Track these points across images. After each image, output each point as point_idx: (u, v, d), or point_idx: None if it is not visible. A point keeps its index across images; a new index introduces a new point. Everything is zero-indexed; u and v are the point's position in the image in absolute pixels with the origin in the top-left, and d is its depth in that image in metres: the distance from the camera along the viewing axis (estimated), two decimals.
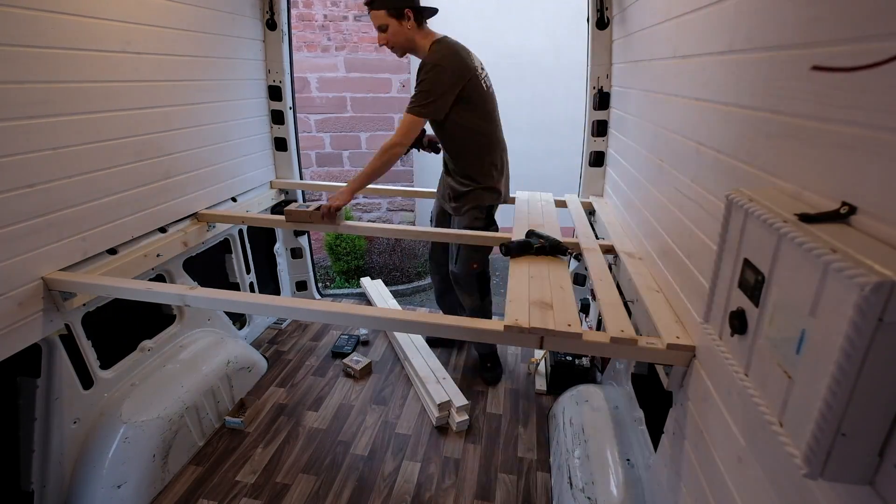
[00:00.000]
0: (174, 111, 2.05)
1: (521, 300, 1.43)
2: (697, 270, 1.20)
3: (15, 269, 1.45)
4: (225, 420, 2.19)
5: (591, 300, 2.59)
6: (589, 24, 2.45)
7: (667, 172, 1.49)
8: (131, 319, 2.02)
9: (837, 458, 0.56)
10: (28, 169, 1.44)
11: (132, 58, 1.79)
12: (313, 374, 2.57)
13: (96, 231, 1.72)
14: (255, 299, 1.71)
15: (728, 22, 1.08)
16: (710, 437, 1.06)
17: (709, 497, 1.03)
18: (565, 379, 2.39)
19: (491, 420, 2.27)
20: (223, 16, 2.31)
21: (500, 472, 1.98)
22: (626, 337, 1.26)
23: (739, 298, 0.79)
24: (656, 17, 1.65)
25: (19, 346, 1.49)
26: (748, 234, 0.77)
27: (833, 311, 0.55)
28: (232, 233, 2.59)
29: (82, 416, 1.74)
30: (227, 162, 2.46)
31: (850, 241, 0.58)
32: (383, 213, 5.21)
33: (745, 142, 0.98)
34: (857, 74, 0.64)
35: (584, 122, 2.64)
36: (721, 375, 1.03)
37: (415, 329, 1.43)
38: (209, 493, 1.85)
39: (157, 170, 1.99)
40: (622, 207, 2.17)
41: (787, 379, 0.64)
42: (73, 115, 1.58)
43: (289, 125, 2.85)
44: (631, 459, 1.62)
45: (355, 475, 1.95)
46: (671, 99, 1.48)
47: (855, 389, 0.53)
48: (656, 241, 1.58)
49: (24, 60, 1.40)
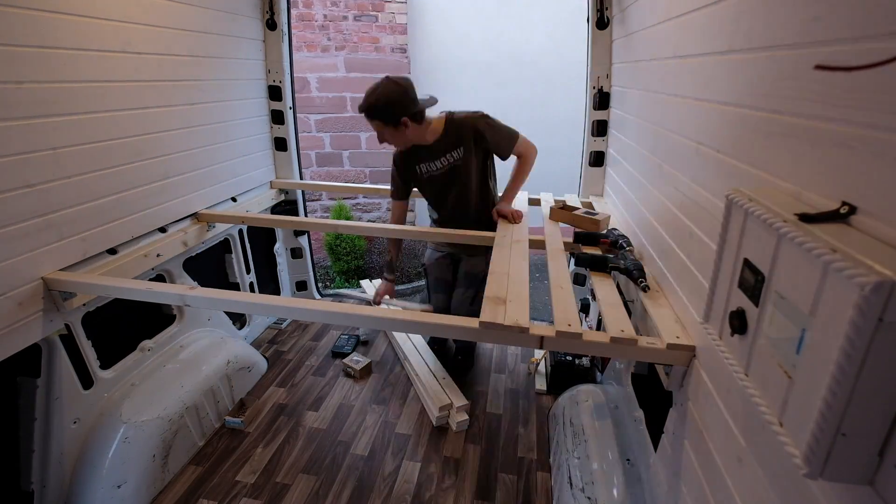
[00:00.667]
0: (174, 111, 2.05)
1: (521, 300, 1.44)
2: (697, 270, 1.20)
3: (15, 269, 1.45)
4: (225, 420, 2.19)
5: (591, 300, 2.59)
6: (589, 24, 2.45)
7: (667, 172, 1.49)
8: (131, 319, 2.02)
9: (837, 458, 0.56)
10: (27, 169, 1.44)
11: (132, 58, 1.79)
12: (313, 374, 2.57)
13: (96, 231, 1.72)
14: (255, 299, 1.71)
15: (728, 22, 1.08)
16: (710, 437, 1.06)
17: (709, 497, 1.03)
18: (565, 379, 2.39)
19: (491, 420, 2.27)
20: (223, 16, 2.31)
21: (500, 472, 1.98)
22: (626, 337, 1.25)
23: (739, 298, 0.79)
24: (656, 17, 1.65)
25: (19, 346, 1.49)
26: (748, 234, 0.77)
27: (833, 311, 0.55)
28: (232, 233, 2.59)
29: (82, 416, 1.74)
30: (226, 162, 2.46)
31: (850, 241, 0.58)
32: (383, 213, 5.21)
33: (745, 142, 0.98)
34: (857, 74, 0.64)
35: (584, 122, 2.64)
36: (721, 375, 1.03)
37: (415, 329, 1.43)
38: (209, 493, 1.85)
39: (157, 170, 1.98)
40: (622, 207, 2.17)
41: (787, 379, 0.64)
42: (73, 115, 1.58)
43: (289, 125, 2.85)
44: (631, 459, 1.61)
45: (355, 475, 1.95)
46: (671, 99, 1.48)
47: (855, 389, 0.53)
48: (656, 241, 1.58)
49: (24, 60, 1.40)
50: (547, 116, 5.05)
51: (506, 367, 2.67)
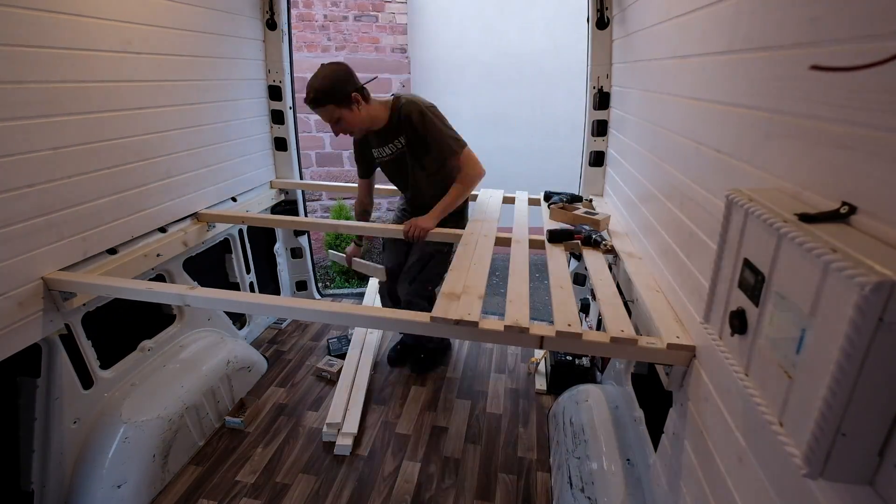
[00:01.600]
0: (174, 111, 2.05)
1: (521, 300, 1.44)
2: (697, 270, 1.20)
3: (15, 269, 1.45)
4: (225, 420, 2.19)
5: (591, 300, 2.59)
6: (589, 24, 2.45)
7: (667, 172, 1.49)
8: (131, 319, 2.02)
9: (837, 458, 0.56)
10: (28, 169, 1.44)
11: (132, 58, 1.79)
12: (313, 374, 2.57)
13: (96, 231, 1.72)
14: (255, 299, 1.71)
15: (728, 22, 1.08)
16: (710, 437, 1.06)
17: (709, 497, 1.03)
18: (565, 379, 2.39)
19: (491, 420, 2.27)
20: (223, 16, 2.31)
21: (500, 472, 1.98)
22: (626, 337, 1.26)
23: (739, 298, 0.79)
24: (656, 17, 1.65)
25: (19, 345, 1.49)
26: (748, 233, 0.77)
27: (833, 311, 0.55)
28: (232, 233, 2.59)
29: (82, 416, 1.74)
30: (227, 162, 2.46)
31: (850, 240, 0.58)
32: (383, 213, 5.21)
33: (745, 141, 0.98)
34: (856, 74, 0.64)
35: (584, 122, 2.64)
36: (721, 375, 1.03)
37: (415, 329, 1.43)
38: (209, 493, 1.85)
39: (157, 170, 1.98)
40: (622, 207, 2.17)
41: (787, 379, 0.64)
42: (73, 115, 1.58)
43: (289, 125, 2.85)
44: (631, 459, 1.61)
45: (355, 475, 1.95)
46: (671, 99, 1.48)
47: (855, 389, 0.53)
48: (656, 241, 1.58)
49: (24, 60, 1.40)
50: (547, 116, 5.05)
51: (506, 367, 2.67)
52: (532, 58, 5.00)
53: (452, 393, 2.45)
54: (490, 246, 1.89)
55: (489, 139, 5.14)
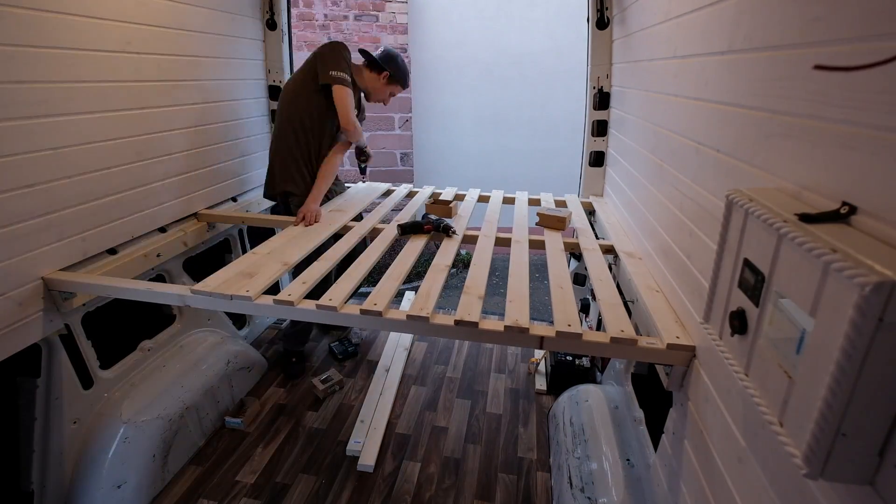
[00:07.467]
0: (174, 111, 2.05)
1: (521, 300, 1.44)
2: (697, 270, 1.20)
3: (15, 269, 1.45)
4: (225, 420, 2.19)
5: (591, 300, 2.59)
6: (589, 24, 2.45)
7: (667, 172, 1.49)
8: (131, 319, 2.02)
9: (837, 458, 0.56)
10: (28, 169, 1.44)
11: (132, 58, 1.79)
12: (313, 375, 2.57)
13: (96, 231, 1.72)
14: (256, 299, 1.71)
15: (728, 22, 1.08)
16: (710, 437, 1.06)
17: (709, 497, 1.03)
18: (565, 379, 2.39)
19: (491, 420, 2.27)
20: (223, 16, 2.31)
21: (500, 472, 1.98)
22: (626, 337, 1.26)
23: (739, 298, 0.79)
24: (656, 17, 1.65)
25: (19, 346, 1.49)
26: (748, 234, 0.77)
27: (833, 311, 0.55)
28: (232, 233, 2.59)
29: (82, 416, 1.74)
30: (227, 162, 2.46)
31: (850, 241, 0.58)
32: None
33: (745, 142, 0.98)
34: (857, 74, 0.64)
35: (584, 122, 2.64)
36: (721, 375, 1.03)
37: (414, 329, 1.43)
38: (209, 493, 1.85)
39: (157, 170, 1.98)
40: (622, 207, 2.17)
41: (787, 379, 0.64)
42: (73, 115, 1.58)
43: None
44: (631, 459, 1.61)
45: (355, 475, 1.95)
46: (671, 99, 1.48)
47: (855, 389, 0.53)
48: (656, 241, 1.58)
49: (24, 60, 1.40)
50: (547, 116, 5.05)
51: (506, 367, 2.67)
52: (532, 58, 5.00)
53: (452, 393, 2.45)
54: (490, 246, 1.89)
55: (489, 139, 5.14)
